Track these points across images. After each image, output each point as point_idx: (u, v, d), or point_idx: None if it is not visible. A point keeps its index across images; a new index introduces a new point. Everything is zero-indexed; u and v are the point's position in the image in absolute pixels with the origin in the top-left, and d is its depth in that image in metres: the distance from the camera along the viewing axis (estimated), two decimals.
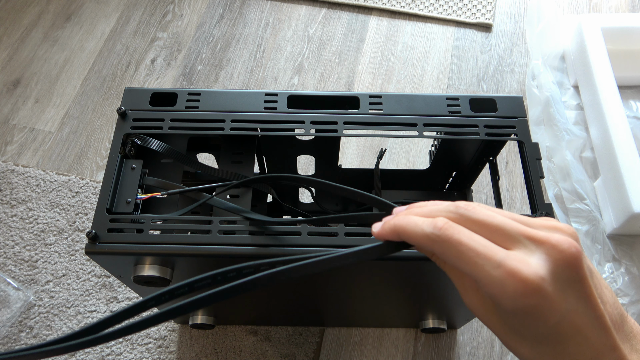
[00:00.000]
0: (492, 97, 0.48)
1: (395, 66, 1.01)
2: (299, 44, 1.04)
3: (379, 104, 0.47)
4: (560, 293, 0.24)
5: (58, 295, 0.76)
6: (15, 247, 0.80)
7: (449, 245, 0.25)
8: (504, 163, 0.90)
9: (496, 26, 1.07)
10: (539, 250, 0.24)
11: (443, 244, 0.25)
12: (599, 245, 0.77)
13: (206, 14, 1.08)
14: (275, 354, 0.72)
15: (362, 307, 0.64)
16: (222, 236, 0.41)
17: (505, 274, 0.24)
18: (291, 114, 0.47)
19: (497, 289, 0.24)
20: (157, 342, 0.73)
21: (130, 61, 1.02)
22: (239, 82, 0.99)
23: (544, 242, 0.25)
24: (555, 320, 0.24)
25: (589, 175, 0.83)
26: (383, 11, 1.08)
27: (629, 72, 0.93)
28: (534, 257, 0.24)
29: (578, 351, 0.25)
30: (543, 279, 0.23)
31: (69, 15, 1.07)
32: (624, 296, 0.74)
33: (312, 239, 0.41)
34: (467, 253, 0.25)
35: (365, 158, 0.91)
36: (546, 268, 0.24)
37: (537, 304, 0.24)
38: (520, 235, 0.25)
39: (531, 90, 0.90)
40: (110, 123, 0.94)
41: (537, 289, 0.23)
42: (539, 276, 0.23)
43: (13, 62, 1.01)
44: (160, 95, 0.48)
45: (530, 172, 0.45)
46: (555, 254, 0.24)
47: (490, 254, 0.24)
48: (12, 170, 0.87)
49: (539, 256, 0.24)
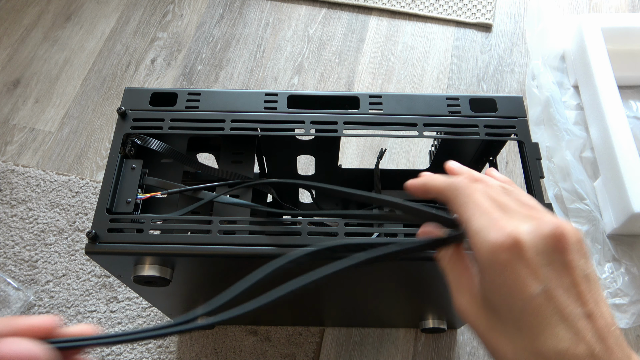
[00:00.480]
0: (492, 97, 0.48)
1: (395, 66, 1.01)
2: (299, 44, 1.04)
3: (379, 104, 0.47)
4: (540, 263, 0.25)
5: (58, 295, 0.76)
6: (15, 247, 0.80)
7: (461, 192, 0.29)
8: (504, 163, 0.90)
9: (496, 26, 1.07)
10: (532, 222, 0.26)
11: (457, 190, 0.29)
12: (599, 245, 0.77)
13: (206, 14, 1.08)
14: (275, 354, 0.72)
15: (362, 307, 0.64)
16: (222, 236, 0.41)
17: (492, 224, 0.26)
18: (291, 114, 0.47)
19: (480, 237, 0.26)
20: (157, 342, 0.73)
21: (130, 61, 1.02)
22: (239, 82, 0.99)
23: (539, 219, 0.26)
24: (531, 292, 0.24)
25: (589, 175, 0.83)
26: (383, 11, 1.08)
27: (629, 72, 0.93)
28: (524, 225, 0.26)
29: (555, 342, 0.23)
30: (523, 238, 0.25)
31: (69, 15, 1.07)
32: (624, 296, 0.74)
33: (312, 239, 0.41)
34: (471, 203, 0.28)
35: (365, 158, 0.91)
36: (531, 234, 0.25)
37: (511, 259, 0.25)
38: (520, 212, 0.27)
39: (531, 90, 0.90)
40: (110, 123, 0.94)
41: (514, 244, 0.25)
42: (519, 234, 0.25)
43: (13, 62, 1.01)
44: (160, 95, 0.48)
45: (530, 172, 0.45)
46: (543, 228, 0.25)
47: (489, 209, 0.27)
48: (12, 170, 0.87)
49: (529, 226, 0.26)
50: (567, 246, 0.25)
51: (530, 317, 0.24)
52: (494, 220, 0.26)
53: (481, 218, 0.27)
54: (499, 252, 0.25)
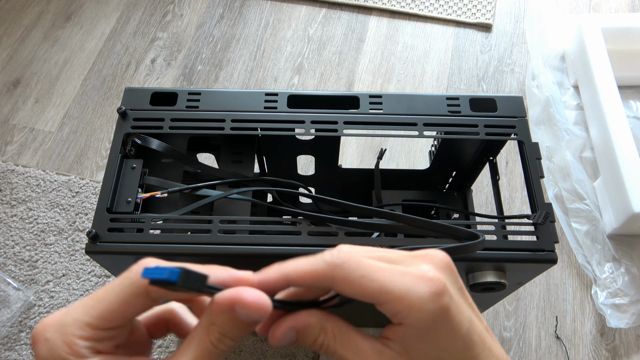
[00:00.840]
0: (492, 97, 0.48)
1: (395, 66, 1.01)
2: (299, 44, 1.04)
3: (379, 103, 0.47)
4: (458, 297, 0.24)
5: (58, 295, 0.76)
6: (15, 247, 0.80)
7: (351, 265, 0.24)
8: (504, 163, 0.90)
9: (496, 26, 1.07)
10: (424, 262, 0.25)
11: (345, 265, 0.24)
12: (599, 245, 0.77)
13: (206, 14, 1.08)
14: (275, 354, 0.72)
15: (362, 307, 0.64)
16: (222, 236, 0.41)
17: (415, 278, 0.23)
18: (291, 113, 0.47)
19: (411, 296, 0.23)
20: (157, 342, 0.73)
21: (130, 61, 1.02)
22: (239, 82, 0.99)
23: (424, 255, 0.25)
24: (466, 327, 0.24)
25: (589, 175, 0.83)
26: (383, 11, 1.08)
27: (629, 72, 0.93)
28: (424, 266, 0.24)
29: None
30: (442, 278, 0.24)
31: (69, 15, 1.07)
32: (624, 296, 0.74)
33: (312, 238, 0.41)
34: (371, 269, 0.24)
35: (365, 158, 0.91)
36: (440, 271, 0.24)
37: (449, 304, 0.23)
38: (402, 255, 0.25)
39: (531, 90, 0.90)
40: (110, 123, 0.94)
41: (445, 287, 0.23)
42: (436, 275, 0.24)
43: (13, 62, 1.01)
44: (161, 95, 0.48)
45: (530, 171, 0.45)
46: (437, 262, 0.25)
47: (391, 267, 0.24)
48: (12, 170, 0.87)
49: (427, 265, 0.24)
50: (455, 269, 0.25)
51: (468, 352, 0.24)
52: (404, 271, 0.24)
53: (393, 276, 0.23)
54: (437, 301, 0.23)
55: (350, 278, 0.23)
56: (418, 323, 0.23)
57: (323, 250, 0.24)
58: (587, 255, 0.78)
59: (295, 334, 0.25)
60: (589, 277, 0.79)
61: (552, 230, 0.42)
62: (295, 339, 0.25)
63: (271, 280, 0.24)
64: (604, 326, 0.76)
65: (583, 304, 0.78)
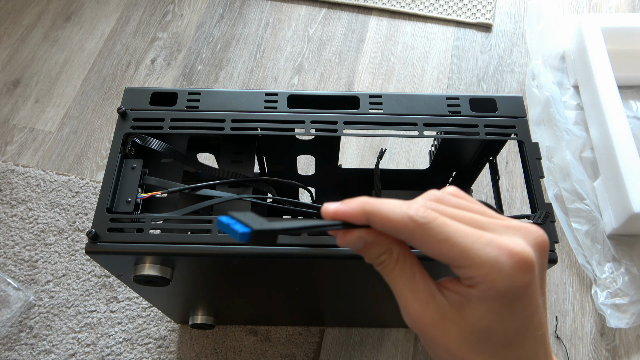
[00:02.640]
0: (492, 97, 0.48)
1: (395, 66, 1.01)
2: (299, 44, 1.04)
3: (379, 103, 0.47)
4: (537, 281, 0.24)
5: (58, 295, 0.76)
6: (15, 247, 0.80)
7: (434, 226, 0.23)
8: (504, 163, 0.90)
9: (496, 26, 1.07)
10: (517, 235, 0.24)
11: (428, 226, 0.23)
12: (599, 245, 0.78)
13: (206, 14, 1.08)
14: (275, 354, 0.72)
15: (363, 307, 0.64)
16: (222, 235, 0.41)
17: (499, 250, 0.22)
18: (291, 113, 0.47)
19: (490, 267, 0.22)
20: (157, 342, 0.73)
21: (130, 61, 1.02)
22: (239, 82, 0.99)
23: (521, 229, 0.24)
24: (530, 311, 0.23)
25: (589, 175, 0.83)
26: (383, 11, 1.08)
27: (629, 72, 0.93)
28: (517, 239, 0.24)
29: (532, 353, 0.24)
30: (531, 255, 0.23)
31: (69, 15, 1.07)
32: (624, 296, 0.74)
33: (312, 238, 0.41)
34: (455, 233, 0.23)
35: (365, 158, 0.91)
36: (532, 247, 0.23)
37: (527, 285, 0.23)
38: (496, 224, 0.25)
39: (531, 90, 0.90)
40: (110, 123, 0.94)
41: (532, 266, 0.23)
42: (525, 251, 0.23)
43: (13, 62, 1.01)
44: (161, 95, 0.48)
45: (530, 171, 0.45)
46: (532, 239, 0.24)
47: (477, 234, 0.23)
48: (12, 170, 0.87)
49: (519, 240, 0.24)
50: (547, 250, 0.25)
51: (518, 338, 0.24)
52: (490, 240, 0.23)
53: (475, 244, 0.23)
54: (517, 278, 0.22)
55: (430, 240, 0.23)
56: (488, 291, 0.23)
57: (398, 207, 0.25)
58: (587, 255, 0.78)
59: (362, 244, 0.26)
60: (589, 277, 0.79)
61: (552, 231, 0.42)
62: (361, 248, 0.26)
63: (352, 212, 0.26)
64: (604, 326, 0.76)
65: (583, 304, 0.78)
